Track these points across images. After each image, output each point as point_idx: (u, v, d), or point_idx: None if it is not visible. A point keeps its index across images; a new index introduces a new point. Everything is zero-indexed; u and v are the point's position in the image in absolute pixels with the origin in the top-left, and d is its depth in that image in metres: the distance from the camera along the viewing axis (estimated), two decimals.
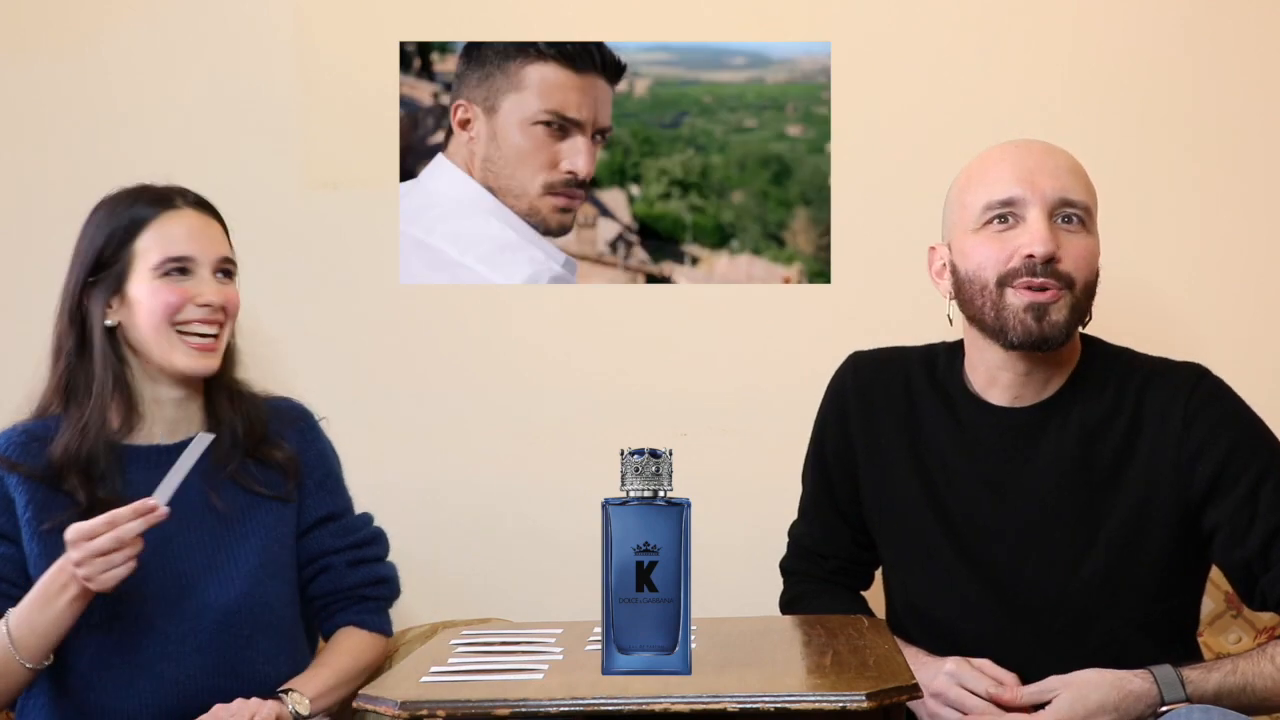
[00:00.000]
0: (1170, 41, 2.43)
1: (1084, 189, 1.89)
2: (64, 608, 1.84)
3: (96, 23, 2.49)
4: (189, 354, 1.93)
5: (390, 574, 2.11)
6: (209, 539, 1.96)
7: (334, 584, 2.06)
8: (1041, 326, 1.84)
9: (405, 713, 1.42)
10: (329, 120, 2.48)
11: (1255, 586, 1.85)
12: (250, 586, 1.95)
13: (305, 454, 2.05)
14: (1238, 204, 2.42)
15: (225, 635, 1.93)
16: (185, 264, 1.95)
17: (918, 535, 1.94)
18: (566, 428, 2.46)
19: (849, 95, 2.42)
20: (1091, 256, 1.88)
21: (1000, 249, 1.86)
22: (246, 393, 2.05)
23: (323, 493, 2.06)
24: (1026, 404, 1.93)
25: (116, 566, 1.80)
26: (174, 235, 1.96)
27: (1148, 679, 1.78)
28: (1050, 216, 1.86)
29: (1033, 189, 1.86)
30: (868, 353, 2.05)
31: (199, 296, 1.94)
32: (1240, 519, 1.83)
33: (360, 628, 2.06)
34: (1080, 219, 1.87)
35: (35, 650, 1.85)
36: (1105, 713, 1.76)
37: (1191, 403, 1.87)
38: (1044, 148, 1.92)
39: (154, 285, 1.94)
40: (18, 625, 1.85)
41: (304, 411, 2.10)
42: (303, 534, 2.04)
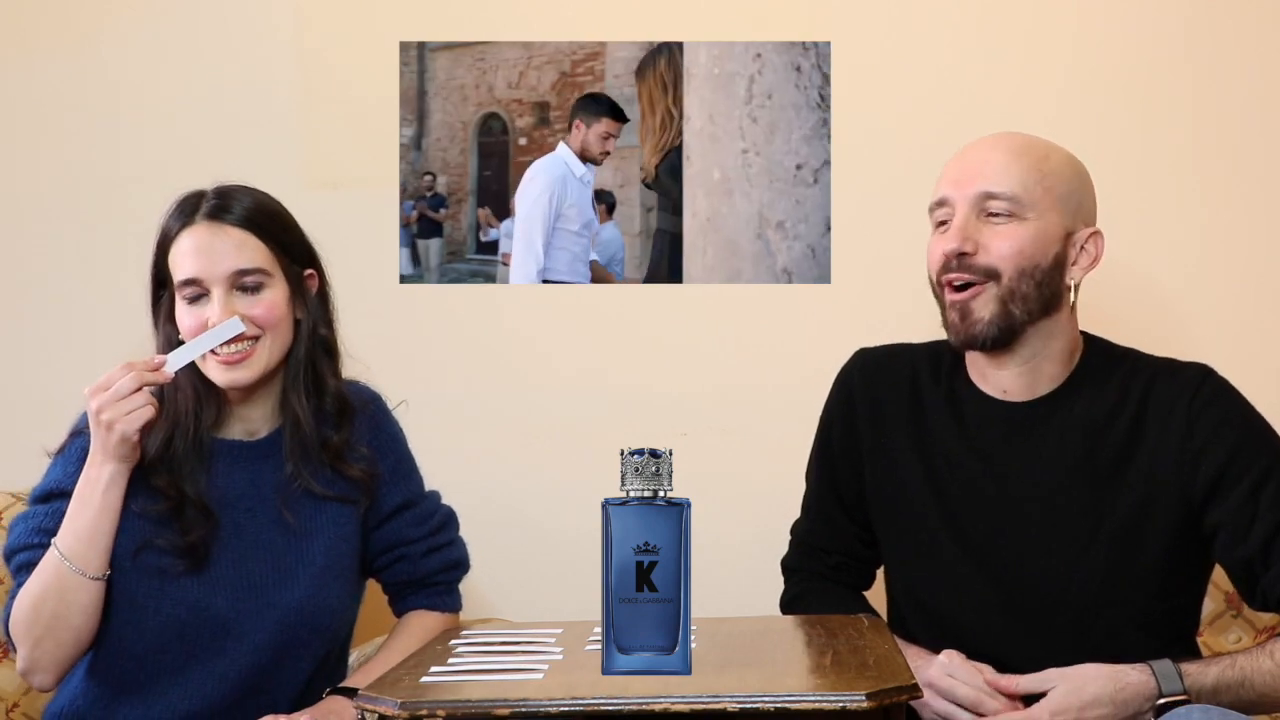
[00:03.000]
0: (1171, 40, 2.42)
1: (1015, 177, 1.87)
2: (103, 495, 1.86)
3: (96, 23, 2.50)
4: (219, 369, 1.93)
5: (461, 555, 2.12)
6: (279, 539, 1.96)
7: (409, 573, 2.07)
8: (965, 325, 1.88)
9: (405, 713, 1.43)
10: (329, 120, 2.48)
11: (1256, 586, 1.85)
12: (315, 590, 1.96)
13: (376, 440, 2.05)
14: (1239, 204, 2.42)
15: (285, 635, 1.94)
16: (195, 286, 1.93)
17: (920, 527, 1.95)
18: (566, 428, 2.46)
19: (849, 95, 2.42)
20: (1024, 243, 1.86)
21: (937, 250, 1.91)
22: (325, 386, 2.01)
23: (397, 479, 2.06)
24: (1024, 398, 1.93)
25: (139, 407, 1.83)
26: (184, 255, 1.93)
27: (1145, 672, 1.78)
28: (975, 212, 1.88)
29: (957, 188, 1.90)
30: (874, 349, 2.06)
31: (210, 319, 1.91)
32: (1242, 517, 1.83)
33: (431, 610, 2.07)
34: (1006, 209, 1.87)
35: (89, 557, 1.86)
36: (1101, 705, 1.76)
37: (1196, 402, 1.88)
38: (987, 142, 1.93)
39: (181, 309, 1.94)
40: (64, 537, 1.87)
41: (374, 395, 2.09)
42: (380, 523, 2.05)
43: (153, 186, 2.46)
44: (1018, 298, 1.87)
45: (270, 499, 1.97)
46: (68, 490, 1.94)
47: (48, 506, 1.95)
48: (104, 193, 2.48)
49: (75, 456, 1.95)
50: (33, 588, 1.87)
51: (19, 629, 1.88)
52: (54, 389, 2.34)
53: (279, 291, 1.95)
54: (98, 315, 2.47)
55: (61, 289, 2.49)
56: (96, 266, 2.48)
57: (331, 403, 2.01)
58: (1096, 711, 1.76)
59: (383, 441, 2.06)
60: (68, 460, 1.96)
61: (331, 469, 2.00)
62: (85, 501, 1.87)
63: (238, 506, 1.96)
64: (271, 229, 1.97)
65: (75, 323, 2.48)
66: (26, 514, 1.96)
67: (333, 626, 1.99)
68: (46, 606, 1.86)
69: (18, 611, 1.88)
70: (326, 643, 1.98)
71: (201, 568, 1.91)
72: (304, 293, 2.00)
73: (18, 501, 2.19)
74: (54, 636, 1.87)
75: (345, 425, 2.01)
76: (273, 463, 1.98)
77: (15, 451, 2.13)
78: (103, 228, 2.48)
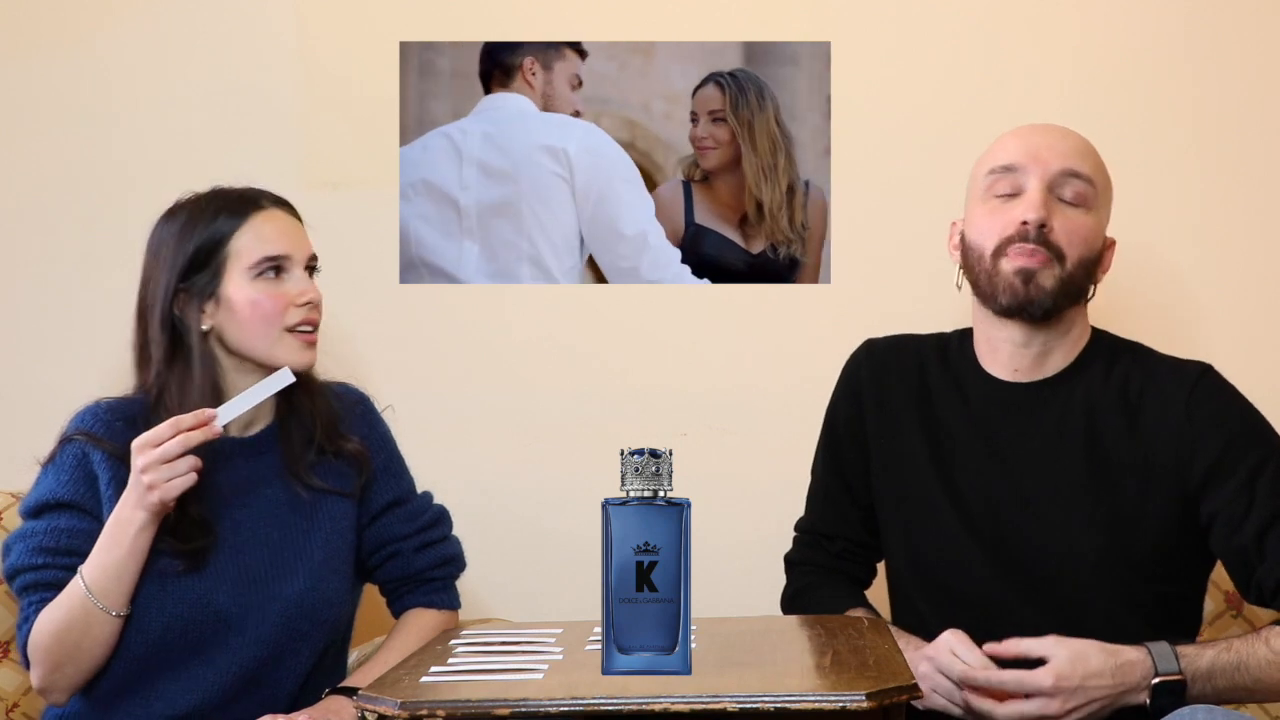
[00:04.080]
0: (1172, 41, 2.42)
1: (1091, 167, 1.94)
2: (133, 539, 1.85)
3: (96, 22, 2.49)
4: (299, 349, 1.95)
5: (455, 552, 2.13)
6: (277, 534, 1.97)
7: (402, 569, 2.08)
8: (1028, 289, 1.90)
9: (405, 713, 1.43)
10: (329, 120, 2.48)
11: (1251, 578, 1.87)
12: (315, 581, 1.97)
13: (367, 438, 2.07)
14: (1241, 202, 2.42)
15: (286, 628, 1.95)
16: (281, 263, 1.95)
17: (925, 503, 1.97)
18: (566, 428, 2.46)
19: (849, 95, 2.42)
20: (1089, 234, 1.92)
21: (1000, 219, 1.92)
22: (319, 385, 2.05)
23: (387, 477, 2.08)
24: (1029, 379, 1.96)
25: (181, 474, 1.82)
26: (268, 235, 1.96)
27: (1142, 651, 1.79)
28: (1049, 189, 1.91)
29: (1035, 159, 1.92)
30: (881, 339, 2.09)
31: (300, 295, 1.95)
32: (1237, 507, 1.85)
33: (428, 608, 2.08)
34: (1082, 196, 1.92)
35: (115, 595, 1.86)
36: (1103, 677, 1.76)
37: (1195, 395, 1.91)
38: (1059, 129, 1.98)
39: (252, 286, 1.94)
40: (92, 572, 1.86)
41: (362, 395, 2.11)
42: (370, 521, 2.06)
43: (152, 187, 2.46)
44: (1073, 284, 1.92)
45: (267, 494, 1.98)
46: (63, 501, 1.94)
47: (45, 523, 1.94)
48: (104, 193, 2.48)
49: (68, 465, 1.95)
50: (57, 616, 1.87)
51: (38, 654, 1.89)
52: (53, 389, 2.34)
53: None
54: (97, 315, 2.46)
55: (61, 289, 2.49)
56: (96, 266, 2.47)
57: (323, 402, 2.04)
58: (1098, 683, 1.76)
59: (373, 440, 2.08)
60: (59, 469, 1.96)
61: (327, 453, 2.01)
62: (116, 542, 1.86)
63: (234, 502, 1.97)
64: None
65: (75, 322, 2.48)
66: (24, 531, 1.95)
67: (333, 619, 1.99)
68: (70, 638, 1.87)
69: (38, 636, 1.89)
70: (326, 635, 1.99)
71: (201, 565, 1.92)
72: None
73: (17, 502, 2.18)
74: (74, 664, 1.89)
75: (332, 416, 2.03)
76: (269, 458, 2.00)
77: (15, 452, 2.13)
78: (102, 227, 2.47)
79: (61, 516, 1.93)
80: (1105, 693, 1.77)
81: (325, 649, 2.00)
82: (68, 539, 1.92)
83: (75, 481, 1.95)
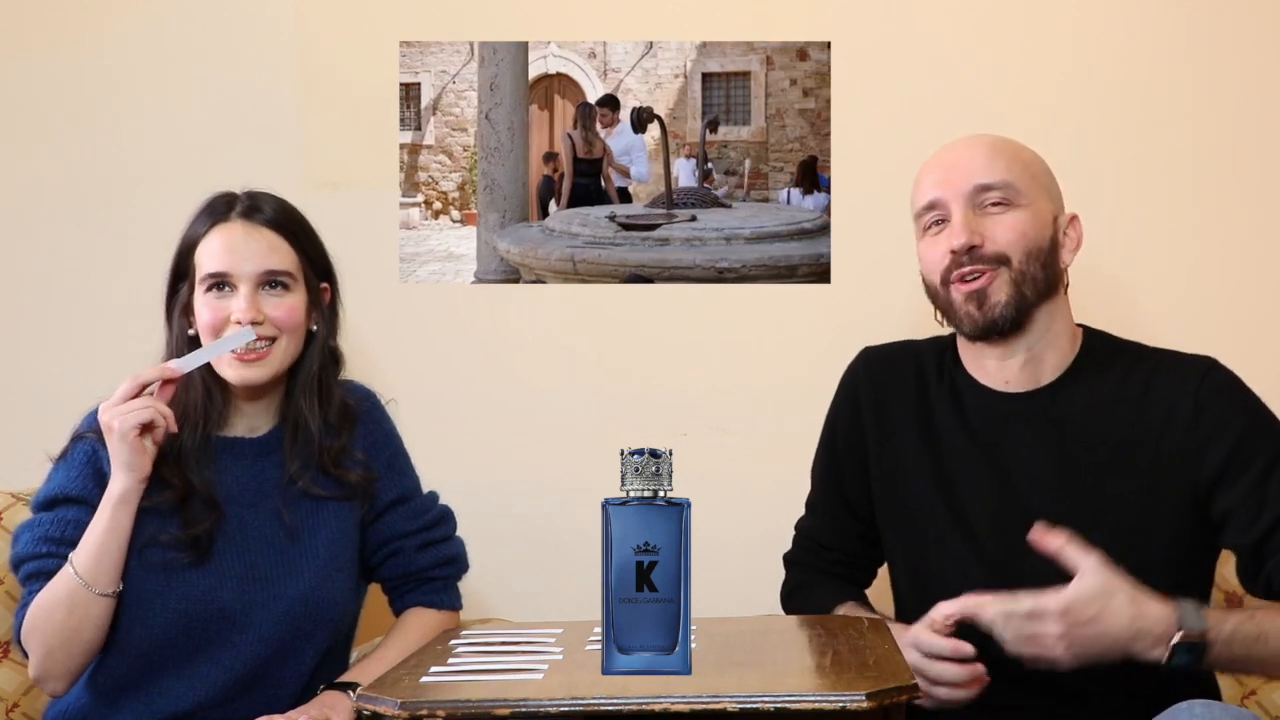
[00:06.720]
0: (1170, 40, 2.42)
1: (1002, 167, 1.92)
2: (112, 511, 1.88)
3: (96, 22, 2.50)
4: (232, 365, 1.96)
5: (458, 552, 2.13)
6: (282, 533, 1.98)
7: (404, 567, 2.08)
8: (984, 311, 1.90)
9: (405, 713, 1.43)
10: (329, 120, 2.48)
11: (1260, 572, 1.85)
12: (319, 581, 1.98)
13: (371, 437, 2.07)
14: (1237, 202, 2.42)
15: (290, 626, 1.95)
16: (222, 279, 1.96)
17: (926, 520, 1.96)
18: (566, 428, 2.46)
19: (849, 95, 2.43)
20: (1026, 227, 1.91)
21: (937, 251, 1.93)
22: (332, 396, 2.05)
23: (392, 474, 2.08)
24: (1024, 389, 1.95)
25: (137, 409, 1.85)
26: (215, 250, 1.96)
27: (1169, 604, 1.73)
28: (971, 207, 1.91)
29: (947, 186, 1.93)
30: (878, 347, 2.08)
31: (235, 313, 1.95)
32: (1250, 503, 1.84)
33: (429, 607, 2.08)
34: (1002, 199, 1.91)
35: (98, 572, 1.88)
36: (1119, 618, 1.70)
37: (1202, 391, 1.89)
38: (964, 142, 1.97)
39: (201, 300, 1.97)
40: (78, 554, 1.89)
41: (367, 393, 2.12)
42: (374, 518, 2.06)
43: (153, 187, 2.47)
44: (1028, 280, 1.90)
45: (272, 495, 1.99)
46: (71, 496, 1.96)
47: (52, 515, 1.96)
48: (104, 193, 2.49)
49: (78, 461, 1.98)
50: (45, 600, 1.89)
51: (31, 639, 1.91)
52: (54, 389, 2.35)
53: (300, 297, 2.00)
54: (98, 315, 2.47)
55: (61, 289, 2.49)
56: (97, 266, 2.47)
57: (335, 412, 2.04)
58: (1108, 625, 1.71)
59: (378, 439, 2.08)
60: (70, 465, 1.98)
61: (330, 474, 2.02)
62: (98, 518, 1.90)
63: (241, 501, 1.98)
64: (300, 237, 2.02)
65: (76, 323, 2.48)
66: (32, 522, 1.97)
67: (336, 618, 2.00)
68: (57, 617, 1.88)
69: (30, 621, 1.90)
70: (330, 634, 1.99)
71: (206, 560, 1.93)
72: (319, 304, 2.04)
73: (17, 502, 2.19)
74: (65, 648, 1.90)
75: (346, 432, 2.04)
76: (274, 459, 2.01)
77: (15, 452, 2.13)
78: (103, 227, 2.48)
79: (69, 510, 1.96)
80: (1111, 641, 1.71)
81: (329, 648, 2.00)
82: (73, 530, 1.93)
83: (84, 478, 1.97)
